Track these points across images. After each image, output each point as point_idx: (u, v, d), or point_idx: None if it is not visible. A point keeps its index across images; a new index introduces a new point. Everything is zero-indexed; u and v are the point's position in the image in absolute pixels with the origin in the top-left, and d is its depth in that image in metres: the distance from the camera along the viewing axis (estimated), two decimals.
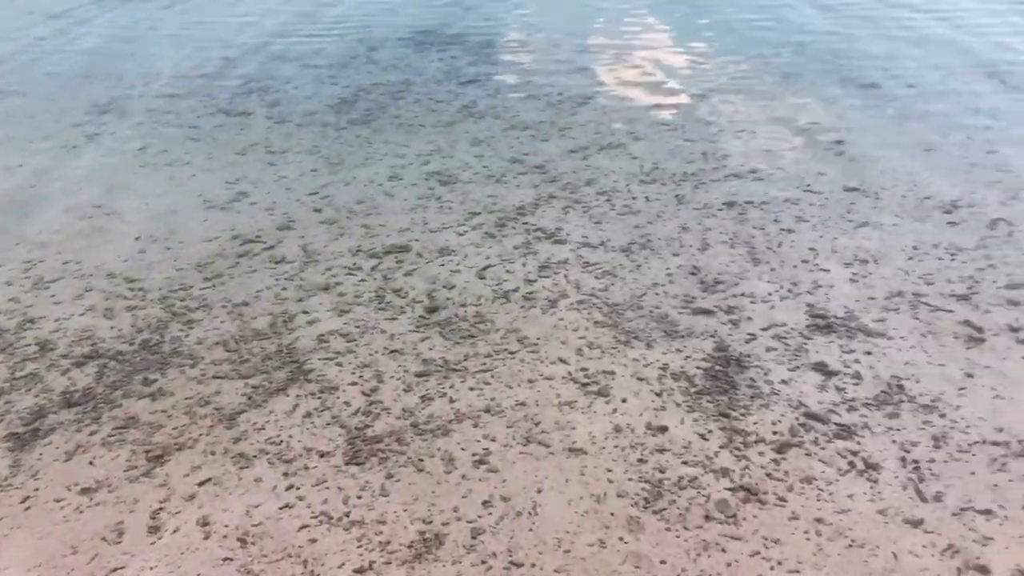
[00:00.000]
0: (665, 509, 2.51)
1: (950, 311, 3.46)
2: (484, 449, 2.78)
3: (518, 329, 3.46)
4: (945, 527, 2.41)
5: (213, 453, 2.83)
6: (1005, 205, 4.30)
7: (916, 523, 2.43)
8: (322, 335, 3.44)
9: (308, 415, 2.99)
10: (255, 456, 2.80)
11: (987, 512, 2.46)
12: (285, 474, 2.72)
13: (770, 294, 3.64)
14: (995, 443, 2.73)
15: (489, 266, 3.95)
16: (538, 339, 3.39)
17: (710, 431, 2.83)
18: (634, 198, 4.58)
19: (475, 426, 2.89)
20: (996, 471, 2.62)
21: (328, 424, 2.93)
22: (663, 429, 2.85)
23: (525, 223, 4.34)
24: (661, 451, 2.75)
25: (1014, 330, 3.33)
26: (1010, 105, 5.48)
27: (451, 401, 3.02)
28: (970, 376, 3.07)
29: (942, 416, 2.86)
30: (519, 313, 3.58)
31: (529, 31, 7.60)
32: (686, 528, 2.44)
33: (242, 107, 6.10)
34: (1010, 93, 5.67)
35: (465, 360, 3.26)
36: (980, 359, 3.16)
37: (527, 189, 4.72)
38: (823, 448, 2.73)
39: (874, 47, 6.67)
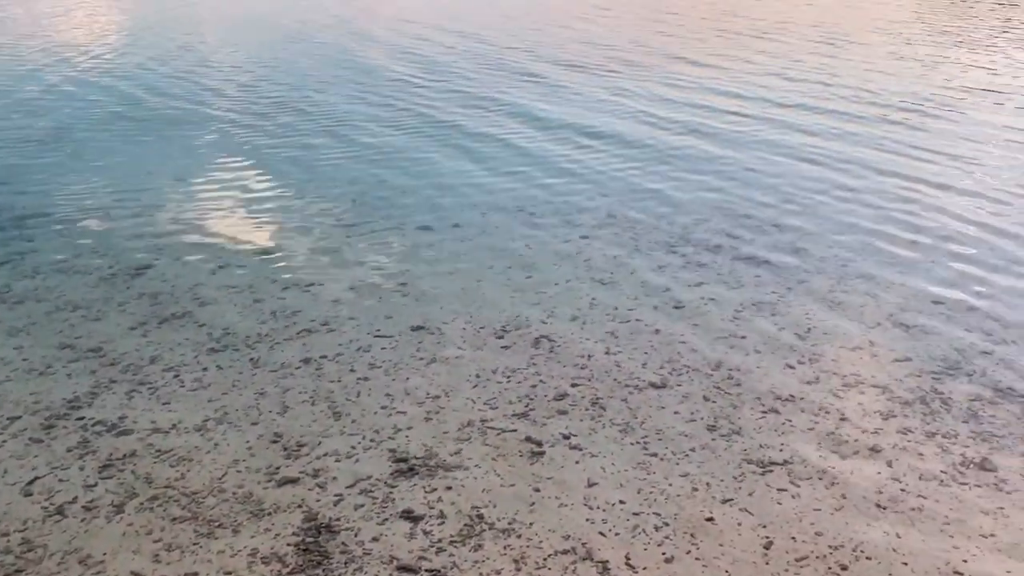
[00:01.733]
0: None
1: (513, 430, 3.80)
2: None
3: (79, 548, 3.03)
4: None
5: None
6: (545, 323, 4.91)
7: None
8: None
9: None
10: None
11: None
12: None
13: (353, 447, 3.67)
14: (564, 552, 3.01)
15: (36, 479, 3.43)
16: (105, 555, 3.00)
17: None
18: (205, 370, 4.36)
19: None
20: None
21: None
22: None
23: (80, 419, 3.88)
24: None
25: (566, 437, 3.75)
26: (537, 234, 6.34)
27: None
28: (537, 491, 3.37)
29: (519, 536, 3.08)
30: (79, 528, 3.14)
31: (72, 198, 7.03)
32: None
33: None
34: (536, 224, 6.57)
35: None
36: (543, 472, 3.49)
37: (81, 378, 4.25)
38: None
39: (422, 191, 7.33)
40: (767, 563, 2.99)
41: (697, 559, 2.99)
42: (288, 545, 3.04)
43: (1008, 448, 3.71)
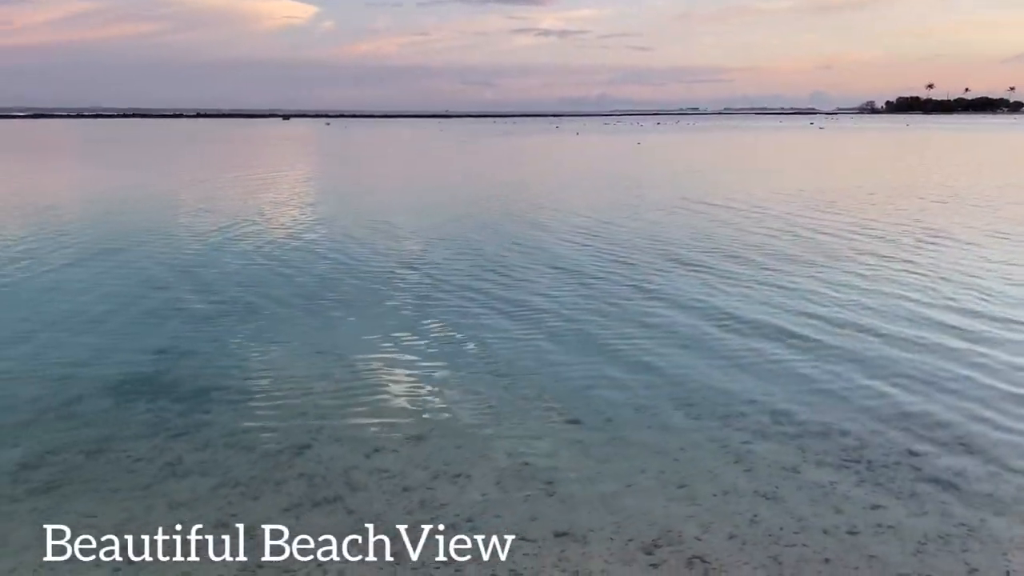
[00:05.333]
0: None
1: None
2: None
3: None
4: None
5: None
6: (699, 540, 4.55)
7: None
8: None
9: None
10: None
11: None
12: None
13: None
14: None
15: None
16: None
17: None
18: (345, 562, 4.32)
19: None
20: None
21: None
22: None
23: None
24: None
25: None
26: (693, 435, 6.05)
27: None
28: None
29: None
30: None
31: (249, 372, 7.49)
32: None
33: None
34: (693, 424, 6.29)
35: None
36: None
37: (230, 558, 4.31)
38: None
39: (573, 380, 7.26)
40: None
41: None
42: None
43: None
